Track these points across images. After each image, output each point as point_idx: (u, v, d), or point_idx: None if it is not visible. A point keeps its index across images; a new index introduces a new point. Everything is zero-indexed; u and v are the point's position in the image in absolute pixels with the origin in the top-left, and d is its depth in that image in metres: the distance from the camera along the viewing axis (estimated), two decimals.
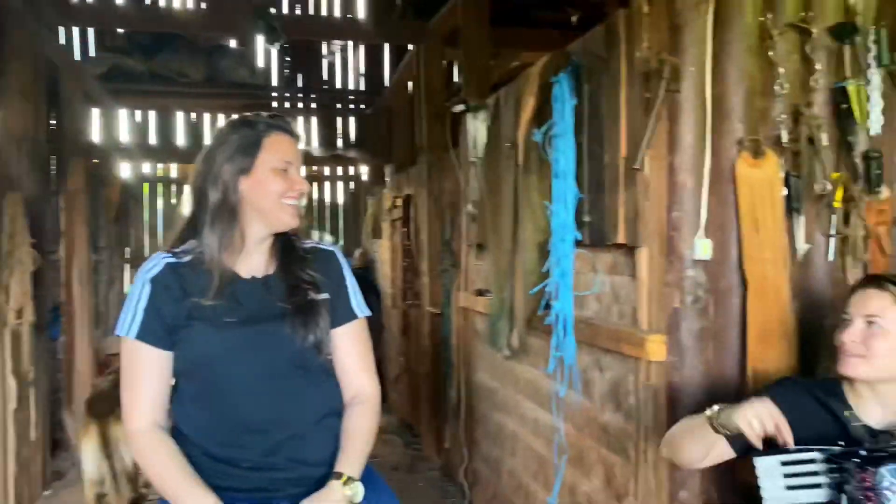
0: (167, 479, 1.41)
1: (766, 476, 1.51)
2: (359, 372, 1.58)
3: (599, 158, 2.23)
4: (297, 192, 1.50)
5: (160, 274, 1.47)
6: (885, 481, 1.33)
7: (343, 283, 1.60)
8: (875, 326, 1.49)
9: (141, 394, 1.45)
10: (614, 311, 2.25)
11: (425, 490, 4.20)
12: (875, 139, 2.00)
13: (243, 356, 1.45)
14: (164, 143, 7.52)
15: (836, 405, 1.53)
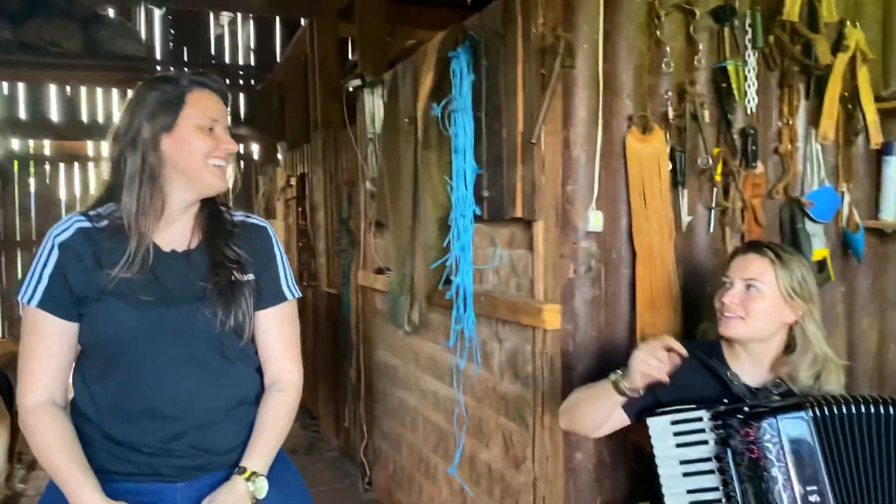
0: (53, 460, 1.32)
1: (657, 436, 1.59)
2: (283, 358, 1.51)
3: (498, 134, 2.26)
4: (225, 152, 1.41)
5: (70, 239, 1.35)
6: (766, 434, 1.43)
7: (273, 261, 1.51)
8: (753, 289, 1.60)
9: (39, 367, 1.34)
10: (512, 283, 2.30)
11: (324, 471, 4.18)
12: (751, 117, 2.14)
13: (158, 339, 1.36)
14: (36, 119, 7.00)
15: (718, 366, 1.64)
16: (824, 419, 1.45)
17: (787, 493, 1.41)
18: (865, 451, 1.45)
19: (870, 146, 2.28)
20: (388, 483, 3.52)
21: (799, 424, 1.43)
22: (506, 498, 2.34)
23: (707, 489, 1.53)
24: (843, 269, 2.33)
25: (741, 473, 1.47)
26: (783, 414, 1.44)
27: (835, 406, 1.46)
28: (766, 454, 1.42)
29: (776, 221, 2.21)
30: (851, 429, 1.46)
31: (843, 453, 1.44)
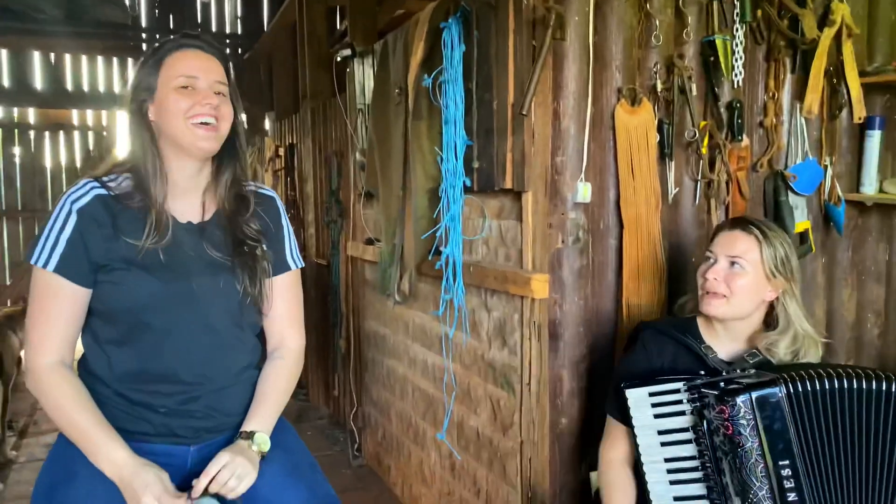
0: (74, 418, 1.34)
1: (635, 406, 1.62)
2: (286, 325, 1.56)
3: (488, 105, 2.28)
4: (206, 108, 1.37)
5: (88, 205, 1.36)
6: (740, 412, 1.44)
7: (281, 231, 1.56)
8: (737, 266, 1.61)
9: (52, 330, 1.36)
10: (501, 253, 2.34)
11: (314, 439, 4.23)
12: (738, 90, 2.17)
13: (179, 308, 1.39)
14: (20, 87, 6.91)
15: (693, 342, 1.66)
16: (797, 395, 1.46)
17: (760, 467, 1.44)
18: (838, 426, 1.46)
19: (853, 120, 2.32)
20: (377, 449, 3.59)
21: (772, 401, 1.44)
22: (493, 462, 2.40)
23: (684, 458, 1.57)
24: (825, 241, 2.39)
25: (716, 446, 1.49)
26: (757, 390, 1.45)
27: (808, 382, 1.47)
28: (739, 430, 1.45)
29: (760, 194, 2.25)
30: (825, 404, 1.46)
31: (816, 429, 1.46)
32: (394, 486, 3.38)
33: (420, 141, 2.60)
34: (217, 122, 1.39)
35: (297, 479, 1.47)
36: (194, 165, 1.44)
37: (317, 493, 1.47)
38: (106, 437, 1.32)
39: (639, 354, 1.70)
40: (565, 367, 2.07)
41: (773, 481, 1.44)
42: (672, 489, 1.58)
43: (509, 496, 2.30)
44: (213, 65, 1.42)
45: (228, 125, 1.43)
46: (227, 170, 1.47)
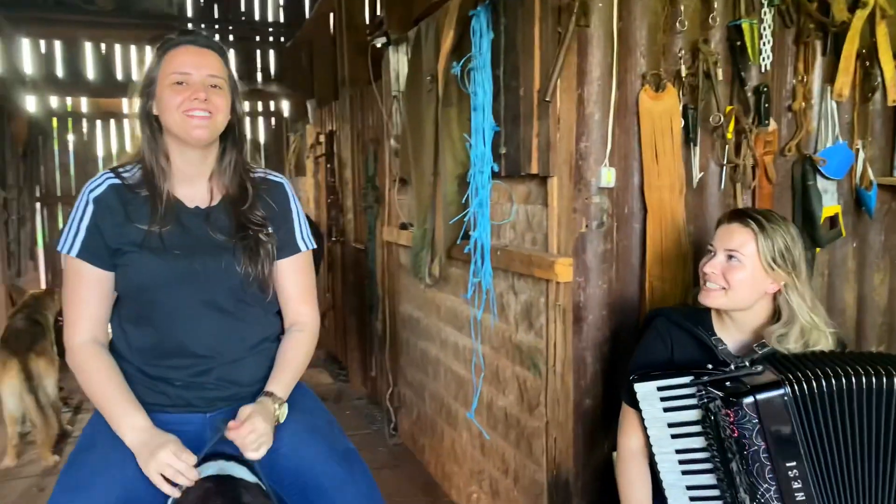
0: (102, 391, 1.45)
1: (644, 399, 1.64)
2: (300, 302, 1.64)
3: (515, 91, 2.32)
4: (196, 102, 1.45)
5: (103, 194, 1.48)
6: (745, 416, 1.44)
7: (289, 215, 1.64)
8: (734, 260, 1.61)
9: (82, 310, 1.48)
10: (528, 238, 2.38)
11: (352, 418, 4.35)
12: (766, 75, 2.17)
13: (185, 287, 1.48)
14: (72, 76, 7.15)
15: (703, 333, 1.67)
16: (803, 396, 1.44)
17: (768, 468, 1.45)
18: (846, 425, 1.46)
19: (887, 103, 2.29)
20: (412, 428, 3.68)
21: (777, 402, 1.44)
22: (520, 441, 2.46)
23: (694, 449, 1.59)
24: (856, 225, 2.37)
25: (725, 443, 1.50)
26: (762, 392, 1.44)
27: (814, 381, 1.45)
28: (745, 434, 1.45)
29: (788, 178, 2.25)
30: (832, 404, 1.45)
31: (823, 428, 1.45)
32: (427, 464, 3.47)
33: (450, 127, 2.65)
34: (211, 114, 1.48)
35: (316, 436, 1.55)
36: (197, 154, 1.53)
37: (336, 448, 1.55)
38: (128, 406, 1.43)
39: (653, 343, 1.72)
40: (589, 350, 2.11)
41: (781, 483, 1.45)
42: (684, 479, 1.60)
43: (535, 474, 2.36)
44: (206, 59, 1.49)
45: (224, 115, 1.51)
46: (229, 157, 1.56)
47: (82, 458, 1.46)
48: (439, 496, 3.22)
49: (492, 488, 2.72)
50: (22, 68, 6.81)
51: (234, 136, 1.58)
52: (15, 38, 6.60)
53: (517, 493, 2.51)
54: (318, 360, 5.76)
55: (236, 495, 1.30)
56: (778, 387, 1.44)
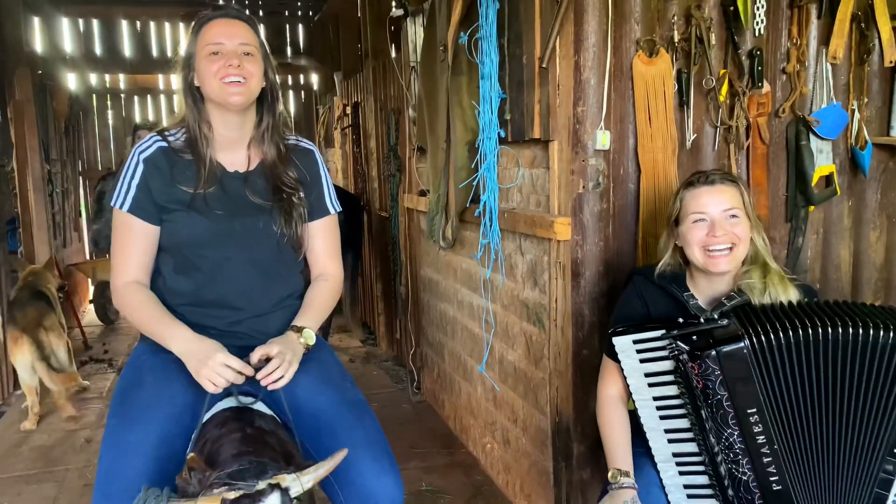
0: (148, 315, 1.61)
1: (622, 352, 1.74)
2: (326, 258, 1.81)
3: (519, 60, 2.43)
4: (230, 69, 1.58)
5: (152, 155, 1.64)
6: (709, 368, 1.55)
7: (319, 180, 1.79)
8: (734, 218, 1.69)
9: (128, 259, 1.65)
10: (532, 200, 2.51)
11: (379, 378, 4.56)
12: (760, 38, 2.24)
13: (228, 244, 1.64)
14: (109, 54, 7.41)
15: (676, 289, 1.77)
16: (762, 347, 1.53)
17: (731, 415, 1.56)
18: (804, 373, 1.54)
19: (883, 64, 2.35)
20: (433, 386, 3.86)
21: (737, 355, 1.53)
22: (528, 393, 2.61)
23: (670, 396, 1.69)
24: (851, 184, 2.43)
25: (694, 392, 1.60)
26: (723, 346, 1.53)
27: (772, 334, 1.53)
28: (709, 384, 1.56)
29: (783, 139, 2.32)
30: (790, 353, 1.54)
31: (781, 377, 1.55)
32: (447, 418, 3.65)
33: (460, 95, 2.77)
34: (245, 80, 1.61)
35: (329, 386, 1.70)
36: (235, 119, 1.68)
37: (345, 397, 1.70)
38: (173, 322, 1.60)
39: (631, 299, 1.83)
40: (586, 304, 2.24)
41: (743, 427, 1.56)
42: (662, 423, 1.72)
43: (541, 423, 2.51)
44: (238, 29, 1.64)
45: (258, 81, 1.65)
46: (266, 121, 1.71)
47: (133, 394, 1.62)
48: (457, 447, 3.40)
49: (503, 438, 2.89)
50: (62, 47, 7.08)
51: (269, 101, 1.72)
52: (55, 17, 6.85)
53: (525, 440, 2.67)
54: (348, 325, 5.98)
55: (251, 420, 1.46)
56: (738, 340, 1.54)
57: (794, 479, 1.59)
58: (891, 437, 1.57)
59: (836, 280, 2.46)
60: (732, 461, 1.61)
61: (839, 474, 1.60)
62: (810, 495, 1.61)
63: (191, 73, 1.65)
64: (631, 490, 1.70)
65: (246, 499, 1.13)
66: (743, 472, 1.60)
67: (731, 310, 1.65)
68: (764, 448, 1.58)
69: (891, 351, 1.53)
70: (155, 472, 1.43)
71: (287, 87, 8.04)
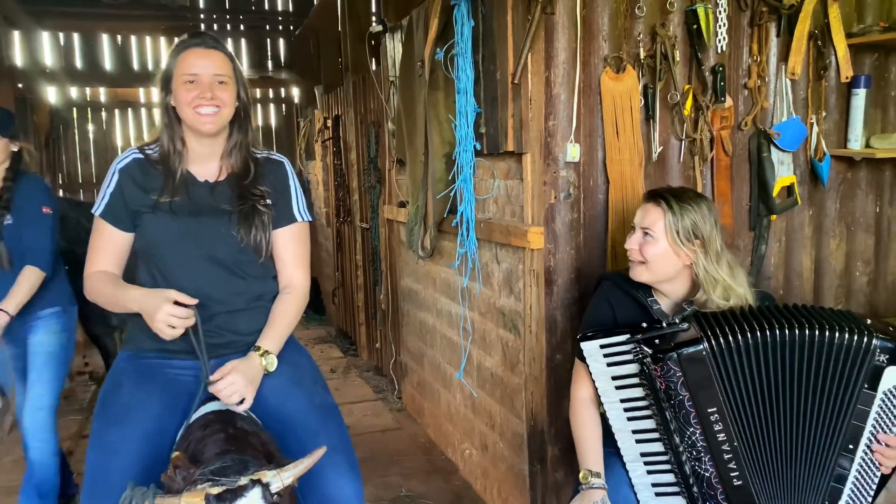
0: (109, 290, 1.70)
1: (590, 356, 1.81)
2: (293, 267, 1.85)
3: (493, 75, 2.51)
4: (204, 101, 1.68)
5: (127, 166, 1.75)
6: (670, 370, 1.62)
7: (288, 190, 1.86)
8: (648, 237, 1.78)
9: (99, 256, 1.75)
10: (508, 210, 2.59)
11: (360, 387, 4.60)
12: (722, 55, 2.35)
13: (189, 243, 1.72)
14: (90, 68, 7.43)
15: (641, 295, 1.85)
16: (720, 349, 1.60)
17: (693, 414, 1.64)
18: (762, 372, 1.62)
19: (840, 79, 2.46)
20: (414, 394, 3.92)
21: (697, 357, 1.60)
22: (504, 398, 2.68)
23: (637, 398, 1.76)
24: (812, 194, 2.54)
25: (658, 394, 1.67)
26: (684, 348, 1.60)
27: (730, 336, 1.60)
28: (671, 385, 1.64)
29: (746, 151, 2.42)
30: (748, 354, 1.61)
31: (739, 376, 1.62)
32: (427, 426, 3.71)
33: (437, 109, 2.85)
34: (219, 108, 1.72)
35: (299, 390, 1.76)
36: (208, 140, 1.78)
37: (313, 402, 1.75)
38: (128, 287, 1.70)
39: (600, 304, 1.91)
40: (559, 310, 2.32)
41: (704, 425, 1.64)
42: (630, 424, 1.79)
43: (517, 427, 2.58)
44: (214, 60, 1.72)
45: (230, 108, 1.75)
46: (236, 139, 1.80)
47: (112, 398, 1.69)
48: (437, 454, 3.45)
49: (481, 443, 2.95)
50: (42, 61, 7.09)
51: (241, 121, 1.81)
52: (35, 31, 6.87)
53: (502, 445, 2.73)
54: (329, 335, 6.03)
55: (234, 422, 1.52)
56: (698, 342, 1.62)
57: (754, 474, 1.67)
58: (846, 433, 1.65)
59: (798, 287, 2.56)
60: (695, 459, 1.68)
61: (797, 469, 1.68)
62: (769, 489, 1.69)
63: (168, 95, 1.74)
64: (601, 490, 1.77)
65: (228, 494, 1.19)
66: (705, 469, 1.68)
67: (691, 314, 1.73)
68: (724, 445, 1.65)
69: (846, 352, 1.61)
70: (139, 471, 1.49)
71: (268, 100, 8.10)
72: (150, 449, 1.56)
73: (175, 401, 1.63)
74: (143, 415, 1.61)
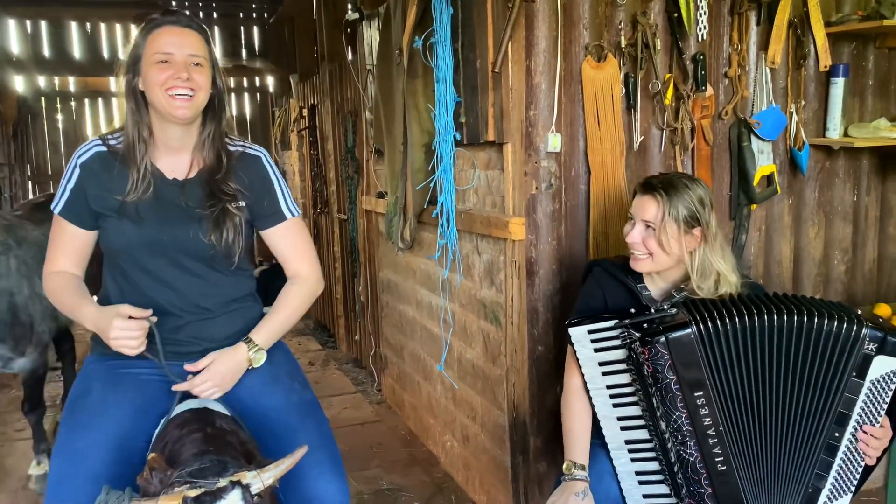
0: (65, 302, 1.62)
1: (578, 342, 1.80)
2: (297, 261, 1.75)
3: (473, 64, 2.48)
4: (179, 81, 1.54)
5: (89, 160, 1.62)
6: (658, 353, 1.62)
7: (271, 186, 1.72)
8: (650, 229, 1.77)
9: (57, 254, 1.65)
10: (488, 201, 2.56)
11: (339, 380, 4.56)
12: (703, 44, 2.33)
13: (155, 252, 1.61)
14: (58, 56, 7.26)
15: (631, 281, 1.85)
16: (707, 333, 1.60)
17: (679, 398, 1.64)
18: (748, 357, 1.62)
19: (819, 69, 2.47)
20: (394, 385, 3.89)
21: (684, 341, 1.60)
22: (486, 389, 2.67)
23: (622, 384, 1.76)
24: (791, 183, 2.55)
25: (645, 378, 1.67)
26: (672, 332, 1.60)
27: (718, 321, 1.61)
28: (658, 368, 1.63)
29: (726, 140, 2.42)
30: (735, 339, 1.61)
31: (726, 361, 1.62)
32: (407, 419, 3.69)
33: (416, 98, 2.81)
34: (194, 92, 1.57)
35: (277, 387, 1.70)
36: (178, 129, 1.64)
37: (291, 399, 1.70)
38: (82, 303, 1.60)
39: (591, 290, 1.90)
40: (541, 301, 2.31)
41: (690, 409, 1.64)
42: (615, 411, 1.79)
43: (498, 419, 2.57)
44: (189, 39, 1.58)
45: (205, 93, 1.61)
46: (209, 129, 1.67)
47: (80, 403, 1.62)
48: (418, 446, 3.43)
49: (463, 435, 2.94)
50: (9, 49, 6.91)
51: (214, 109, 1.68)
52: (1, 19, 6.69)
53: (484, 437, 2.72)
54: (308, 328, 5.98)
55: (212, 420, 1.48)
56: (686, 327, 1.61)
57: (739, 460, 1.67)
58: (832, 420, 1.65)
59: (777, 275, 2.57)
60: (680, 443, 1.67)
61: (782, 455, 1.67)
62: (754, 474, 1.68)
63: (136, 77, 1.60)
64: (583, 482, 1.76)
65: (207, 496, 1.15)
66: (690, 454, 1.67)
67: (680, 301, 1.73)
68: (710, 430, 1.65)
69: (835, 339, 1.60)
70: (109, 476, 1.43)
71: (242, 89, 7.98)
72: (119, 453, 1.50)
73: (147, 403, 1.57)
74: (114, 419, 1.55)
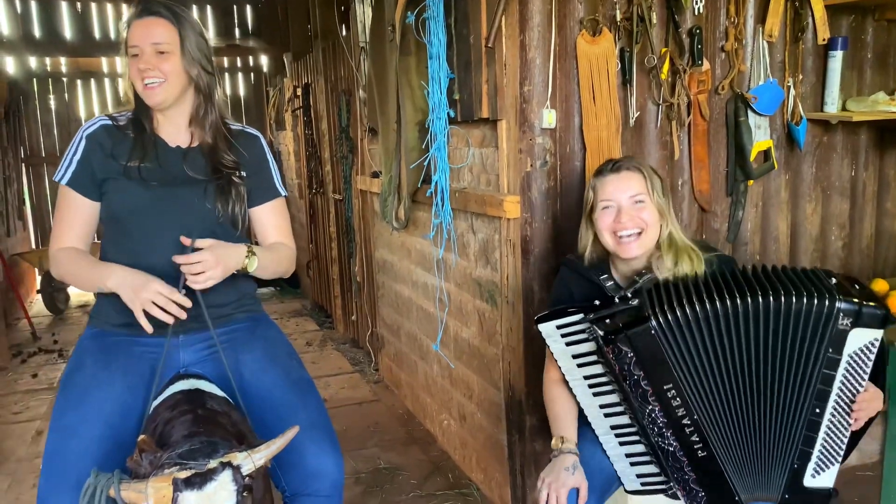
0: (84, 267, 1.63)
1: (549, 337, 1.77)
2: (279, 237, 1.84)
3: (466, 39, 2.44)
4: (147, 71, 1.62)
5: (94, 132, 1.68)
6: (621, 352, 1.59)
7: (266, 164, 1.82)
8: (640, 203, 1.73)
9: (66, 230, 1.67)
10: (483, 179, 2.54)
11: (337, 360, 4.56)
12: (698, 17, 2.30)
13: (160, 214, 1.65)
14: (49, 36, 7.16)
15: (594, 274, 1.81)
16: (668, 324, 1.56)
17: (650, 392, 1.60)
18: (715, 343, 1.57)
19: (817, 42, 2.43)
20: (391, 365, 3.89)
21: (646, 335, 1.56)
22: (482, 369, 2.66)
23: (599, 374, 1.73)
24: (788, 158, 2.53)
25: (615, 372, 1.64)
26: (632, 328, 1.56)
27: (678, 310, 1.56)
28: (624, 367, 1.59)
29: (723, 115, 2.39)
30: (699, 327, 1.56)
31: (690, 350, 1.58)
32: (405, 398, 3.69)
33: (409, 76, 2.77)
34: (165, 78, 1.64)
35: (275, 365, 1.72)
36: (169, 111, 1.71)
37: (290, 377, 1.72)
38: (108, 264, 1.62)
39: (560, 287, 1.90)
40: (536, 280, 2.29)
41: (663, 403, 1.61)
42: (596, 399, 1.76)
43: (495, 398, 2.57)
44: (153, 29, 1.64)
45: (178, 77, 1.66)
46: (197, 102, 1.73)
47: (75, 378, 1.63)
48: (415, 426, 3.44)
49: (459, 414, 2.94)
50: None
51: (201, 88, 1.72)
52: None
53: (480, 415, 2.72)
54: (305, 308, 5.97)
55: (203, 401, 1.47)
56: (646, 321, 1.56)
57: (719, 445, 1.64)
58: (812, 397, 1.60)
59: (774, 251, 2.55)
60: (658, 434, 1.65)
61: (765, 436, 1.64)
62: (737, 458, 1.66)
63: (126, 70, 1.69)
64: (572, 455, 1.74)
65: (197, 478, 1.15)
66: (668, 444, 1.65)
67: (642, 287, 1.68)
68: (685, 420, 1.62)
69: (805, 318, 1.54)
70: (101, 454, 1.45)
71: (236, 69, 7.89)
72: (111, 430, 1.51)
73: (140, 380, 1.58)
74: (105, 395, 1.55)
